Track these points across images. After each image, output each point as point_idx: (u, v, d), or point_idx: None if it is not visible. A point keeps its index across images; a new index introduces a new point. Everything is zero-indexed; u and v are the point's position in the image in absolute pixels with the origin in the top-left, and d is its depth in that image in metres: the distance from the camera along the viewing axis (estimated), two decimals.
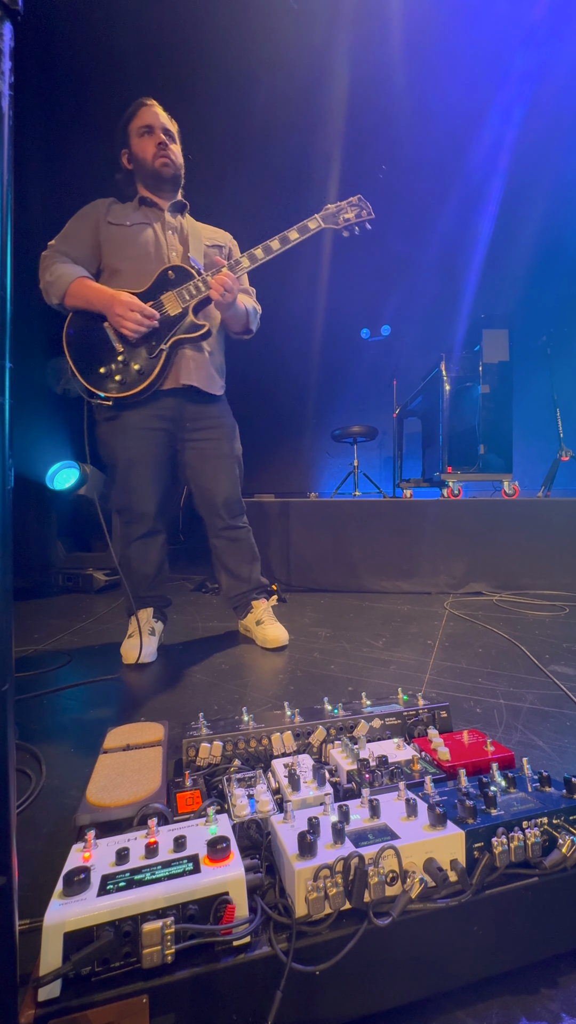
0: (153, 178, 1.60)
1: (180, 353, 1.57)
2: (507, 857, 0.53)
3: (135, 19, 3.12)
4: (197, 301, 1.52)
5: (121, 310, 1.44)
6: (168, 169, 1.58)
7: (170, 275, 1.53)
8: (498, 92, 3.78)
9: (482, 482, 3.05)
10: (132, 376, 1.51)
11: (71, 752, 1.02)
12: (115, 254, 1.57)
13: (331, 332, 4.41)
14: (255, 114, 3.55)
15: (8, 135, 0.41)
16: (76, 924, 0.44)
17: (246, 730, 0.84)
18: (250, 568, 1.78)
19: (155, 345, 1.51)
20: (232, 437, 1.72)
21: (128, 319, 1.45)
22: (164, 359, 1.52)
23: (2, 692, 0.40)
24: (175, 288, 1.52)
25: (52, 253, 1.55)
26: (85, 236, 1.57)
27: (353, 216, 1.61)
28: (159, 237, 1.59)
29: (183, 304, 1.52)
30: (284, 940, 0.47)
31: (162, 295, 1.52)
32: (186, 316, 1.53)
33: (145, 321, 1.46)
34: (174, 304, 1.52)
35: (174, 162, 1.60)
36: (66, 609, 2.35)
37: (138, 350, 1.51)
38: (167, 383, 1.56)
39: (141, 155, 1.58)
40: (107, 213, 1.59)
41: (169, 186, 1.63)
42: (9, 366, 0.42)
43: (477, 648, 1.62)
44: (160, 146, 1.57)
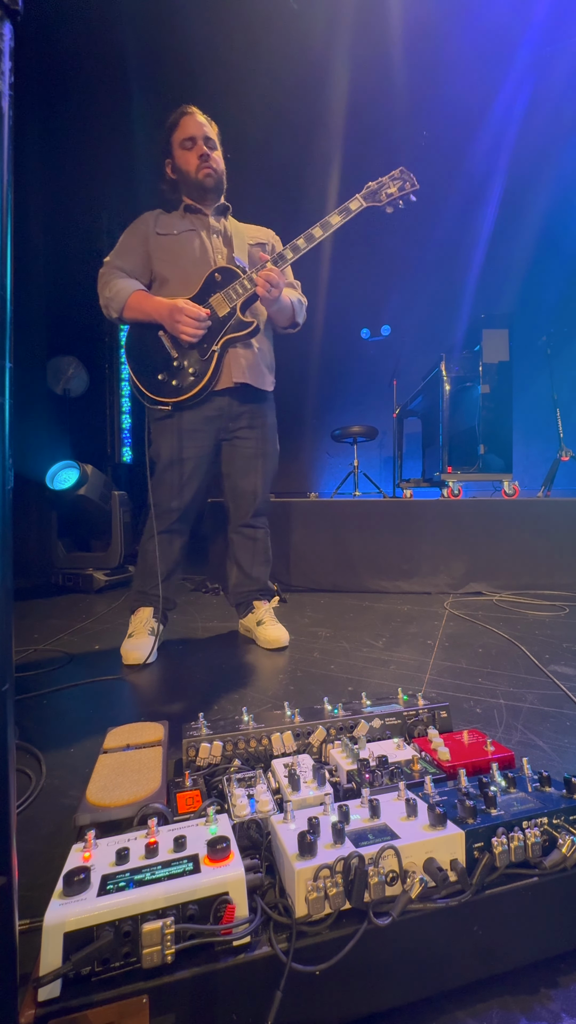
0: (198, 189, 1.62)
1: (231, 352, 1.59)
2: (507, 857, 0.53)
3: (135, 20, 3.12)
4: (244, 299, 1.54)
5: (179, 316, 1.48)
6: (211, 179, 1.61)
7: (216, 277, 1.56)
8: (498, 92, 3.79)
9: (482, 482, 3.05)
10: (187, 380, 1.55)
11: (71, 752, 1.02)
12: (164, 263, 1.61)
13: (331, 332, 4.41)
14: (255, 114, 3.56)
15: (8, 135, 0.41)
16: (76, 924, 0.44)
17: (246, 730, 0.84)
18: (262, 569, 1.79)
19: (207, 347, 1.54)
20: (273, 437, 1.75)
21: (185, 324, 1.48)
22: (216, 360, 1.55)
23: (2, 692, 0.40)
24: (222, 289, 1.54)
25: (109, 269, 1.60)
26: (137, 249, 1.62)
27: (396, 190, 1.57)
28: (204, 242, 1.62)
29: (231, 304, 1.54)
30: (284, 940, 0.47)
31: (211, 298, 1.54)
32: (234, 315, 1.55)
33: (199, 324, 1.49)
34: (222, 305, 1.54)
35: (216, 171, 1.62)
36: (66, 609, 2.35)
37: (191, 354, 1.55)
38: (220, 383, 1.59)
39: (185, 167, 1.61)
40: (155, 224, 1.63)
41: (213, 194, 1.65)
42: (9, 366, 0.42)
43: (477, 648, 1.62)
44: (202, 158, 1.59)
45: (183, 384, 1.55)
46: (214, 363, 1.55)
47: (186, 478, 1.62)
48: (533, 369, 3.40)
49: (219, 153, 1.65)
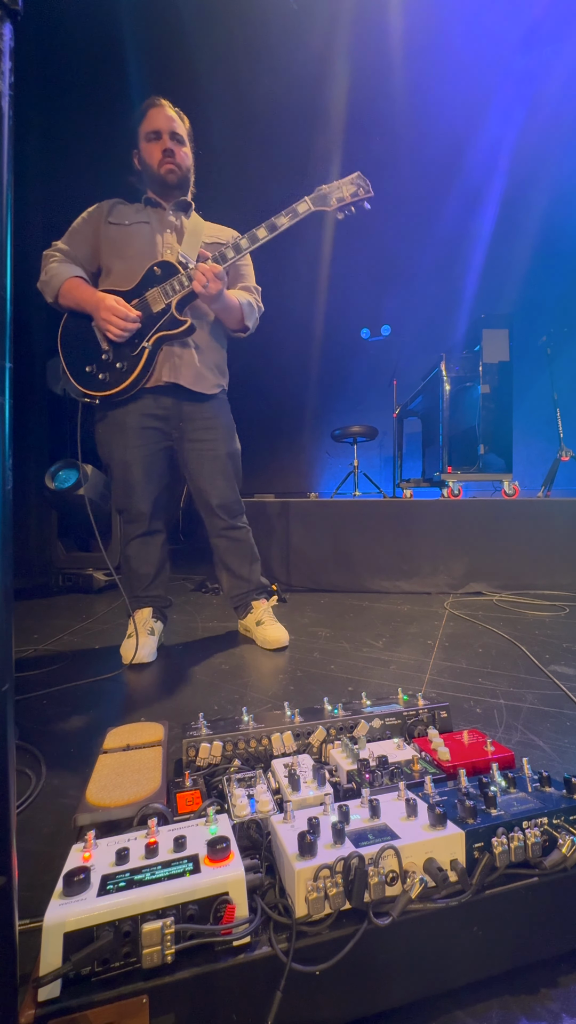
0: (159, 183, 1.60)
1: (165, 350, 1.55)
2: (507, 857, 0.53)
3: (135, 19, 3.12)
4: (180, 296, 1.50)
5: (105, 314, 1.45)
6: (173, 175, 1.59)
7: (156, 271, 1.52)
8: (498, 92, 3.78)
9: (482, 482, 3.05)
10: (115, 374, 1.51)
11: (71, 752, 1.02)
12: (111, 253, 1.57)
13: (331, 332, 4.41)
14: (255, 114, 3.56)
15: (8, 135, 0.41)
16: (76, 924, 0.44)
17: (246, 730, 0.84)
18: (250, 568, 1.77)
19: (137, 343, 1.50)
20: (228, 437, 1.70)
21: (111, 323, 1.45)
22: (146, 356, 1.51)
23: (2, 692, 0.40)
24: (160, 284, 1.50)
25: (52, 252, 1.56)
26: (87, 236, 1.59)
27: (348, 196, 1.51)
28: (155, 236, 1.59)
29: (166, 300, 1.50)
30: (284, 940, 0.47)
31: (147, 292, 1.51)
32: (168, 312, 1.50)
33: (127, 324, 1.45)
34: (158, 300, 1.50)
35: (180, 167, 1.59)
36: (66, 609, 2.35)
37: (123, 348, 1.51)
38: (151, 381, 1.55)
39: (148, 160, 1.59)
40: (109, 213, 1.59)
41: (176, 191, 1.63)
42: (9, 366, 0.42)
43: (477, 648, 1.62)
44: (166, 152, 1.56)
45: (110, 379, 1.51)
46: (144, 359, 1.51)
47: (143, 479, 1.59)
48: (533, 369, 3.40)
49: (187, 149, 1.62)
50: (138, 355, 1.50)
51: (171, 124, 1.57)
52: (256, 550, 1.80)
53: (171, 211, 1.63)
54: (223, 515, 1.69)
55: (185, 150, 1.61)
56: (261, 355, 4.24)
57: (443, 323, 4.17)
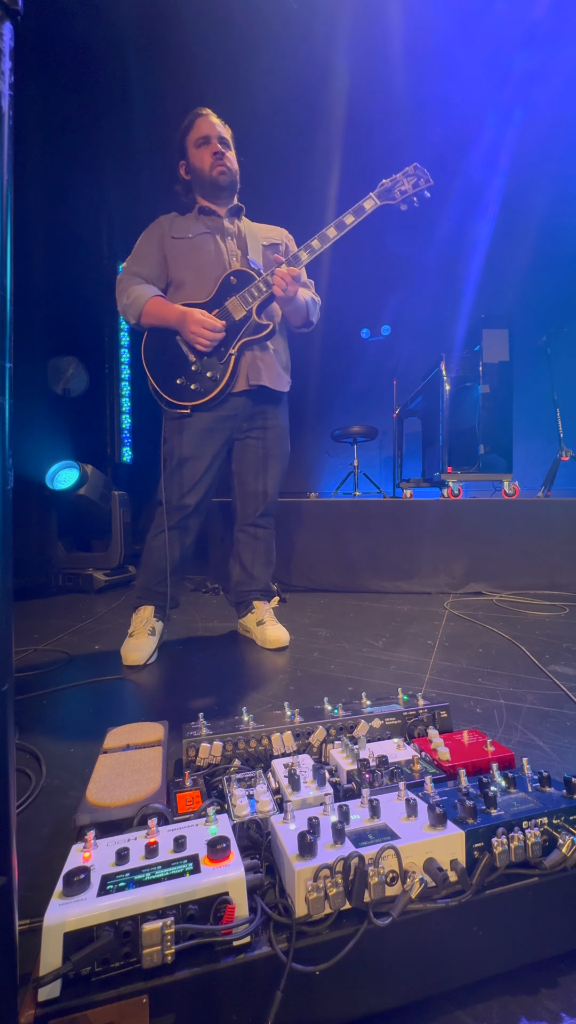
0: (211, 187, 1.63)
1: (247, 355, 1.60)
2: (507, 857, 0.53)
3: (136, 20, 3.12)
4: (259, 302, 1.55)
5: (195, 327, 1.49)
6: (225, 177, 1.62)
7: (232, 280, 1.57)
8: (498, 93, 3.78)
9: (482, 482, 3.05)
10: (206, 383, 1.56)
11: (71, 752, 1.02)
12: (180, 267, 1.62)
13: (331, 332, 4.40)
14: (255, 114, 3.56)
15: (8, 135, 0.41)
16: (76, 924, 0.44)
17: (246, 730, 0.84)
18: (264, 570, 1.80)
19: (224, 351, 1.56)
20: (285, 439, 1.76)
21: (201, 335, 1.50)
22: (233, 363, 1.56)
23: (2, 692, 0.40)
24: (238, 292, 1.55)
25: (126, 276, 1.62)
26: (153, 254, 1.63)
27: (410, 187, 1.56)
28: (219, 244, 1.63)
29: (246, 307, 1.55)
30: (284, 940, 0.47)
31: (227, 301, 1.55)
32: (250, 318, 1.56)
33: (215, 335, 1.51)
34: (238, 308, 1.55)
35: (230, 169, 1.63)
36: (66, 609, 2.35)
37: (210, 358, 1.56)
38: (238, 385, 1.60)
39: (199, 166, 1.62)
40: (170, 228, 1.64)
41: (226, 193, 1.66)
42: (9, 366, 0.42)
43: (477, 648, 1.62)
44: (216, 155, 1.60)
45: (202, 388, 1.56)
46: (231, 366, 1.56)
47: (198, 476, 1.63)
48: (533, 369, 3.39)
49: (233, 154, 1.66)
50: (226, 363, 1.56)
51: (217, 130, 1.62)
52: (273, 555, 1.84)
53: (226, 218, 1.67)
54: (253, 511, 1.74)
55: (232, 154, 1.65)
56: None
57: (443, 323, 4.16)
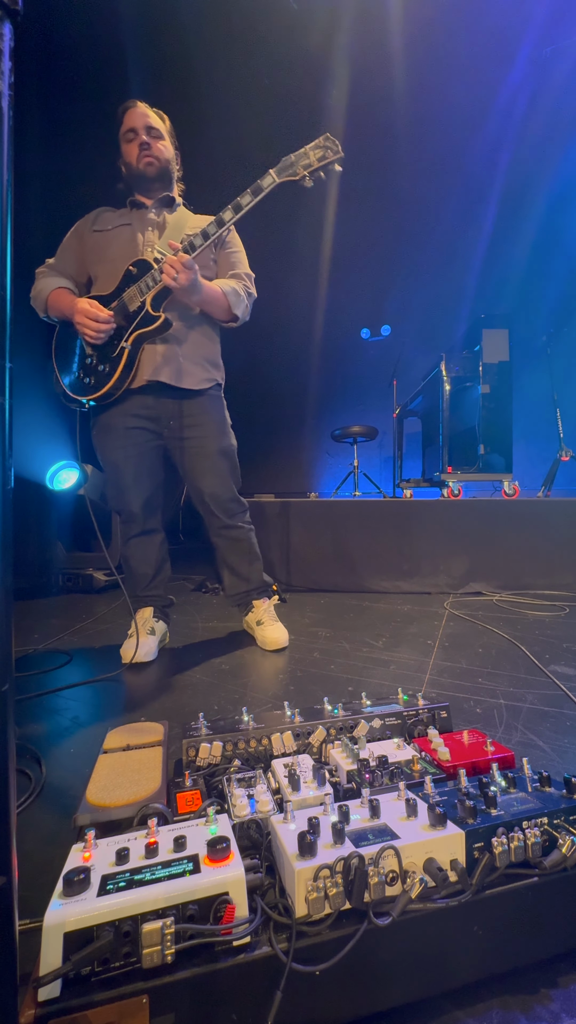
0: (140, 179, 1.59)
1: (147, 348, 1.54)
2: (507, 857, 0.53)
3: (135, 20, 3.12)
4: (154, 292, 1.47)
5: (79, 317, 1.45)
6: (152, 167, 1.57)
7: (132, 270, 1.50)
8: (498, 92, 3.78)
9: (482, 482, 3.05)
10: (99, 377, 1.52)
11: (71, 752, 1.02)
12: (95, 260, 1.58)
13: (331, 332, 4.41)
14: (255, 114, 3.56)
15: (8, 135, 0.41)
16: (76, 924, 0.44)
17: (246, 730, 0.84)
18: (252, 568, 1.76)
19: (116, 344, 1.50)
20: (220, 433, 1.65)
21: (85, 326, 1.45)
22: (127, 356, 1.49)
23: (2, 692, 0.40)
24: (136, 282, 1.49)
25: (43, 269, 1.61)
26: (72, 247, 1.61)
27: (315, 160, 1.40)
28: (136, 236, 1.57)
29: (141, 298, 1.48)
30: (284, 940, 0.47)
31: (124, 292, 1.50)
32: (143, 310, 1.48)
33: (99, 326, 1.45)
34: (134, 299, 1.49)
35: (158, 158, 1.57)
36: (66, 609, 2.35)
37: (104, 351, 1.52)
38: (136, 381, 1.54)
39: (128, 159, 1.59)
40: (94, 222, 1.61)
41: (157, 184, 1.60)
42: (9, 366, 0.42)
43: (477, 648, 1.62)
44: (142, 146, 1.55)
45: (95, 382, 1.52)
46: (124, 360, 1.49)
47: (132, 479, 1.59)
48: (533, 369, 3.40)
49: (166, 142, 1.59)
50: (118, 356, 1.50)
51: (146, 120, 1.56)
52: (257, 549, 1.79)
53: (153, 208, 1.61)
54: (219, 513, 1.67)
55: (163, 143, 1.59)
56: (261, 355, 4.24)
57: (443, 323, 4.17)
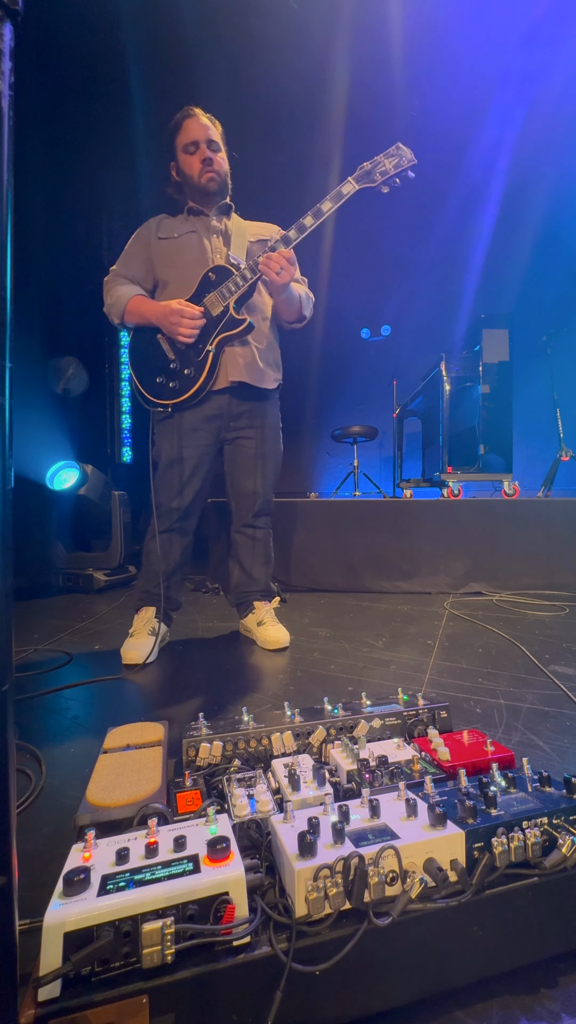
0: (201, 193, 1.63)
1: (227, 351, 1.59)
2: (507, 857, 0.53)
3: (136, 20, 3.12)
4: (237, 296, 1.53)
5: (173, 317, 1.49)
6: (214, 183, 1.61)
7: (211, 276, 1.56)
8: (498, 92, 3.78)
9: (482, 482, 3.05)
10: (184, 381, 1.56)
11: (71, 752, 1.02)
12: (165, 267, 1.62)
13: (331, 332, 4.40)
14: (255, 114, 3.56)
15: (8, 135, 0.41)
16: (76, 924, 0.44)
17: (246, 730, 0.84)
18: (262, 569, 1.79)
19: (201, 347, 1.55)
20: (275, 437, 1.75)
21: (180, 324, 1.49)
22: (211, 360, 1.55)
23: (2, 692, 0.40)
24: (216, 288, 1.54)
25: (112, 277, 1.63)
26: (139, 255, 1.64)
27: (392, 167, 1.48)
28: (203, 243, 1.62)
29: (224, 302, 1.54)
30: (284, 940, 0.47)
31: (205, 297, 1.54)
32: (227, 313, 1.54)
33: (194, 322, 1.50)
34: (216, 304, 1.54)
35: (219, 174, 1.62)
36: (66, 609, 2.35)
37: (188, 355, 1.56)
38: (218, 383, 1.59)
39: (188, 172, 1.61)
40: (157, 229, 1.64)
41: (216, 197, 1.65)
42: (9, 366, 0.42)
43: (477, 648, 1.62)
44: (205, 162, 1.59)
45: (180, 386, 1.56)
46: (209, 363, 1.55)
47: (186, 477, 1.62)
48: (533, 369, 3.39)
49: (223, 154, 1.65)
50: (203, 359, 1.54)
51: (207, 132, 1.59)
52: (272, 554, 1.83)
53: (214, 216, 1.66)
54: (249, 511, 1.73)
55: (222, 156, 1.64)
56: None
57: (443, 323, 4.16)
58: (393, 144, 1.48)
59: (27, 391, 3.29)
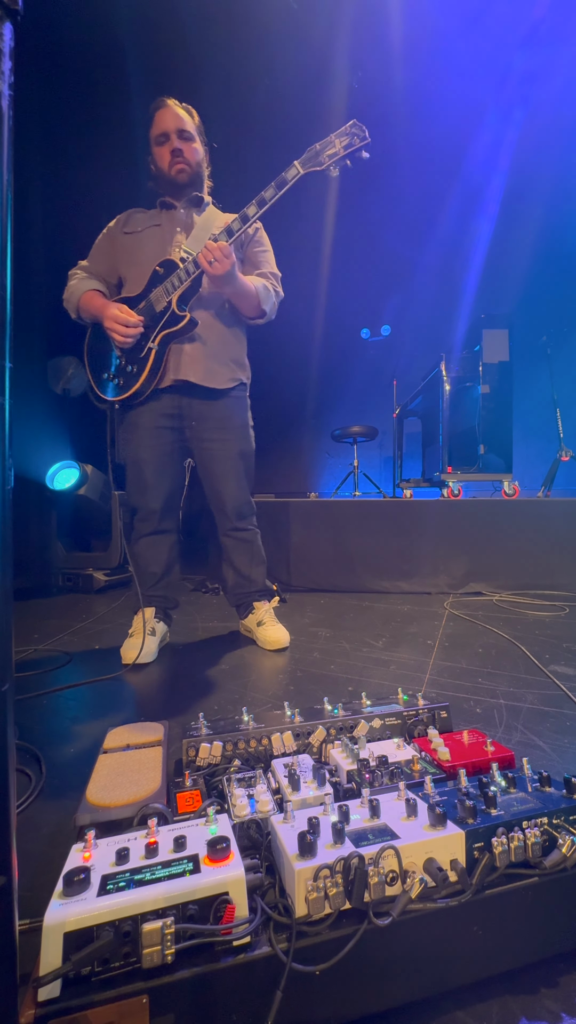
0: (171, 185, 1.61)
1: (174, 348, 1.55)
2: (507, 857, 0.53)
3: (135, 19, 3.12)
4: (180, 292, 1.49)
5: (108, 323, 1.47)
6: (184, 175, 1.59)
7: (159, 271, 1.52)
8: (498, 92, 3.78)
9: (482, 482, 3.05)
10: (128, 378, 1.54)
11: (71, 752, 1.02)
12: (125, 262, 1.60)
13: (331, 332, 4.40)
14: (255, 114, 3.56)
15: (8, 135, 0.41)
16: (76, 924, 0.44)
17: (246, 730, 0.84)
18: (256, 570, 1.78)
19: (143, 345, 1.52)
20: (241, 437, 1.68)
21: (114, 330, 1.47)
22: (154, 357, 1.52)
23: (2, 692, 0.40)
24: (162, 283, 1.50)
25: (75, 270, 1.62)
26: (105, 250, 1.63)
27: (342, 147, 1.38)
28: (164, 237, 1.59)
29: (167, 297, 1.50)
30: (284, 940, 0.47)
31: (151, 293, 1.52)
32: (169, 309, 1.50)
33: (128, 331, 1.47)
34: (160, 299, 1.51)
35: (189, 164, 1.58)
36: (66, 609, 2.35)
37: (133, 352, 1.54)
38: (165, 381, 1.56)
39: (160, 164, 1.60)
40: (125, 224, 1.63)
41: (188, 189, 1.63)
42: (9, 366, 0.42)
43: (477, 648, 1.62)
44: (174, 153, 1.56)
45: (124, 383, 1.55)
46: (151, 360, 1.51)
47: (152, 478, 1.61)
48: (533, 369, 3.39)
49: (197, 144, 1.60)
50: (145, 356, 1.52)
51: (178, 123, 1.56)
52: (263, 552, 1.82)
53: (183, 209, 1.63)
54: (231, 515, 1.71)
55: (195, 145, 1.60)
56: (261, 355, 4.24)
57: (443, 323, 4.16)
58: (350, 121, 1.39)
59: (27, 391, 3.29)
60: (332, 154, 1.39)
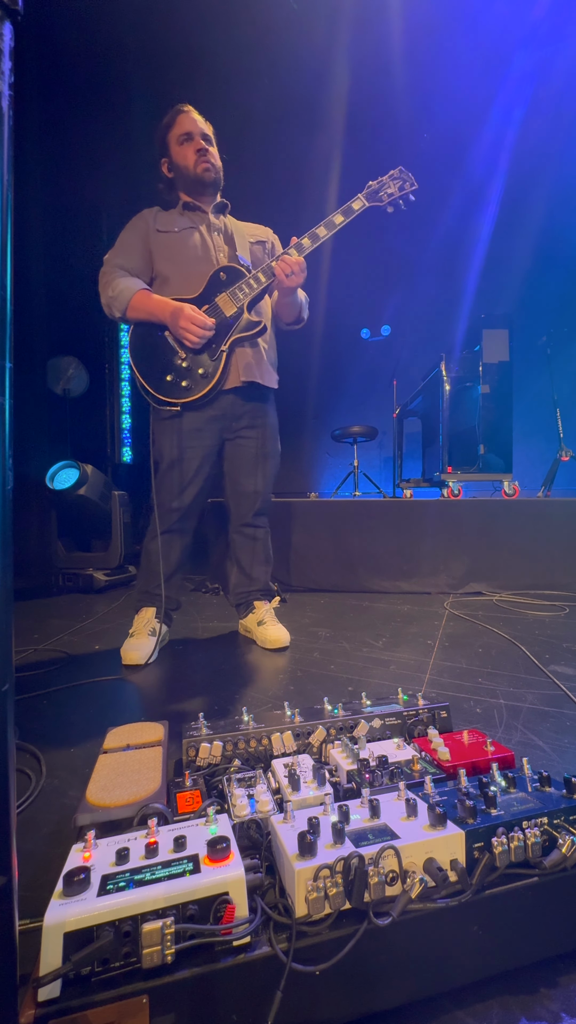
0: (196, 184, 1.62)
1: (238, 351, 1.60)
2: (507, 857, 0.53)
3: (135, 19, 3.12)
4: (251, 298, 1.54)
5: (184, 323, 1.48)
6: (209, 174, 1.61)
7: (222, 276, 1.56)
8: (498, 92, 3.78)
9: (482, 482, 3.05)
10: (197, 380, 1.55)
11: (71, 752, 1.02)
12: (165, 261, 1.60)
13: (331, 332, 4.40)
14: (256, 115, 3.56)
15: (8, 135, 0.41)
16: (76, 924, 0.44)
17: (246, 730, 0.84)
18: (262, 569, 1.80)
19: (215, 348, 1.55)
20: (274, 436, 1.76)
21: (191, 331, 1.49)
22: (224, 360, 1.55)
23: (2, 692, 0.40)
24: (228, 289, 1.54)
25: (110, 268, 1.59)
26: (137, 246, 1.61)
27: (396, 189, 1.58)
28: (205, 240, 1.62)
29: (237, 304, 1.54)
30: (284, 940, 0.47)
31: (216, 297, 1.54)
32: (242, 315, 1.55)
33: (205, 332, 1.50)
34: (228, 305, 1.54)
35: (214, 166, 1.63)
36: (66, 609, 2.35)
37: (200, 354, 1.55)
38: (228, 383, 1.60)
39: (183, 163, 1.61)
40: (155, 221, 1.63)
41: (211, 190, 1.66)
42: (9, 366, 0.42)
43: (477, 648, 1.62)
44: (200, 152, 1.59)
45: (193, 385, 1.55)
46: (223, 363, 1.55)
47: (188, 478, 1.62)
48: (533, 369, 3.40)
49: (215, 150, 1.65)
50: (217, 359, 1.55)
51: (200, 127, 1.61)
52: (271, 553, 1.83)
53: (212, 213, 1.66)
54: (249, 512, 1.74)
55: (214, 151, 1.64)
56: None
57: (443, 323, 4.16)
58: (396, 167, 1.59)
59: (27, 391, 3.30)
60: (389, 194, 1.58)
